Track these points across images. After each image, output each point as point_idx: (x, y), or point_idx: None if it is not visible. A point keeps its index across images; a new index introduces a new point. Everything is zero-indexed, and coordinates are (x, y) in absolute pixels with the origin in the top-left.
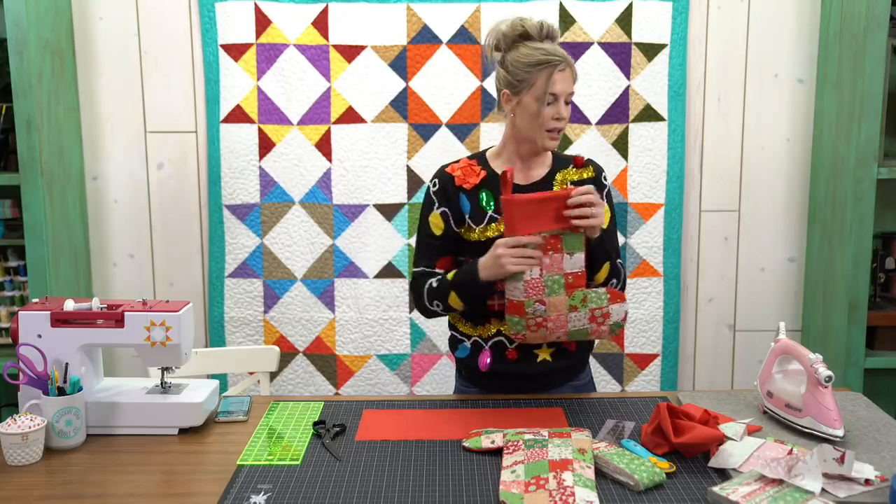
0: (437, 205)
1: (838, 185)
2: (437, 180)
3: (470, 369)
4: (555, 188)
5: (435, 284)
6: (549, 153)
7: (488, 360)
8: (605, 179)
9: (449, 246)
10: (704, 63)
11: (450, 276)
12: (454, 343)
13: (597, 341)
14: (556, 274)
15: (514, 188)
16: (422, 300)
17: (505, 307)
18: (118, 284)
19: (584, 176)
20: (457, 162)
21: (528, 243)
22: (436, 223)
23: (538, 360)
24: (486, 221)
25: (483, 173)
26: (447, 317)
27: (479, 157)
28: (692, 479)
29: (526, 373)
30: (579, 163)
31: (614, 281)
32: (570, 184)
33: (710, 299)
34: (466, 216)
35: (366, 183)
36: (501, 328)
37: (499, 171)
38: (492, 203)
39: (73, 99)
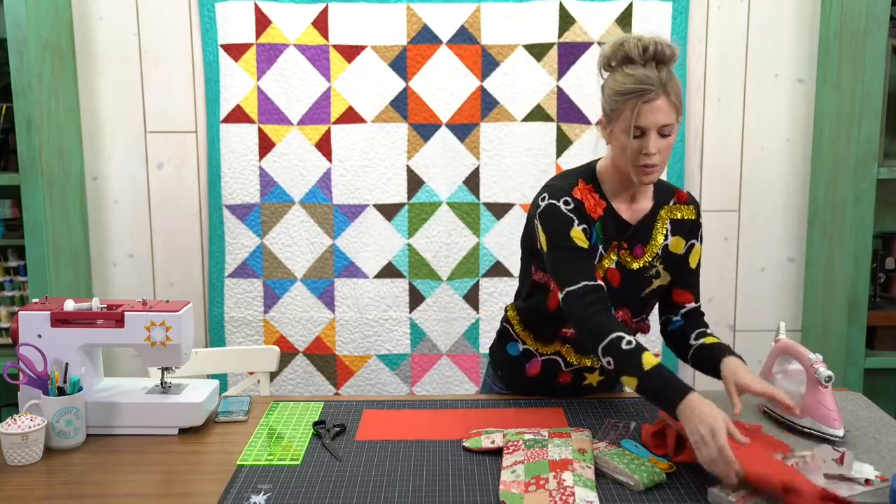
0: (577, 221)
1: (838, 185)
2: (567, 199)
3: (510, 369)
4: (657, 225)
5: (625, 349)
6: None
7: (538, 370)
8: (701, 218)
9: (595, 260)
10: (704, 63)
11: (647, 362)
12: (506, 338)
13: None
14: None
15: (621, 224)
16: (597, 339)
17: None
18: (118, 284)
19: (686, 216)
20: (574, 185)
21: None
22: (580, 237)
23: (584, 382)
24: (598, 258)
25: (603, 204)
26: (503, 311)
27: (593, 179)
28: (692, 479)
29: (568, 392)
30: (683, 198)
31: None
32: (671, 223)
33: (710, 299)
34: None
35: (366, 183)
36: (562, 350)
37: (611, 200)
38: (602, 238)
39: (73, 99)
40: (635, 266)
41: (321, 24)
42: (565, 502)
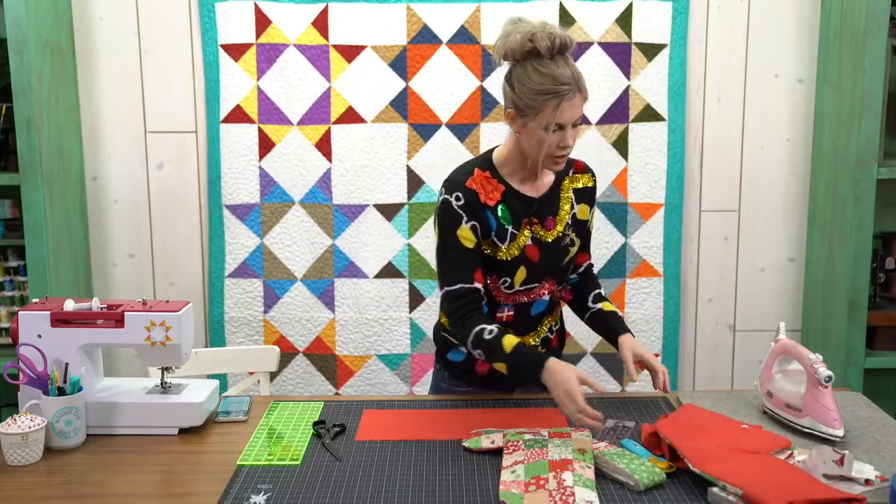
0: (465, 218)
1: (838, 185)
2: (459, 194)
3: (463, 371)
4: (562, 195)
5: (487, 338)
6: None
7: (486, 369)
8: (596, 183)
9: (480, 259)
10: (704, 63)
11: (507, 345)
12: (447, 345)
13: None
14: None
15: (525, 201)
16: (465, 337)
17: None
18: (118, 284)
19: (585, 184)
20: (469, 174)
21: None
22: (466, 237)
23: None
24: (509, 238)
25: (501, 187)
26: (436, 321)
27: (489, 167)
28: (692, 479)
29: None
30: (580, 168)
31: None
32: (574, 192)
33: (710, 299)
34: (492, 233)
35: (366, 183)
36: None
37: (510, 181)
38: (509, 219)
39: (73, 99)
40: (549, 238)
41: (321, 24)
42: (565, 502)
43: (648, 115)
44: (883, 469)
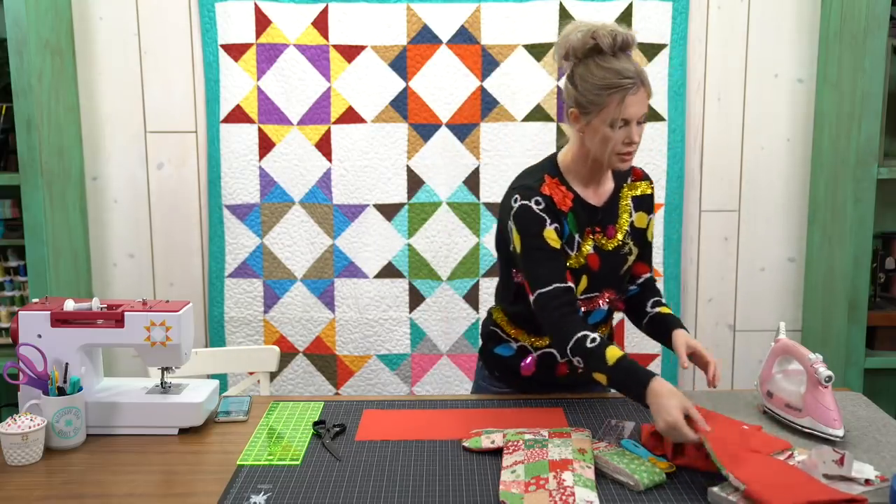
0: (549, 221)
1: (838, 185)
2: (538, 199)
3: (507, 369)
4: (621, 203)
5: (590, 347)
6: None
7: (533, 369)
8: (653, 191)
9: (566, 260)
10: (704, 63)
11: (610, 357)
12: (494, 340)
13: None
14: None
15: (590, 209)
16: (564, 342)
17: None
18: (118, 284)
19: (644, 191)
20: (541, 181)
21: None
22: (552, 237)
23: (580, 370)
24: (576, 248)
25: (570, 195)
26: (487, 313)
27: (557, 173)
28: (692, 479)
29: (567, 384)
30: (638, 175)
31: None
32: (633, 199)
33: (710, 299)
34: (563, 241)
35: (366, 183)
36: None
37: (576, 188)
38: (575, 227)
39: (73, 99)
40: (610, 247)
41: (321, 24)
42: (565, 502)
43: (648, 114)
44: (883, 469)
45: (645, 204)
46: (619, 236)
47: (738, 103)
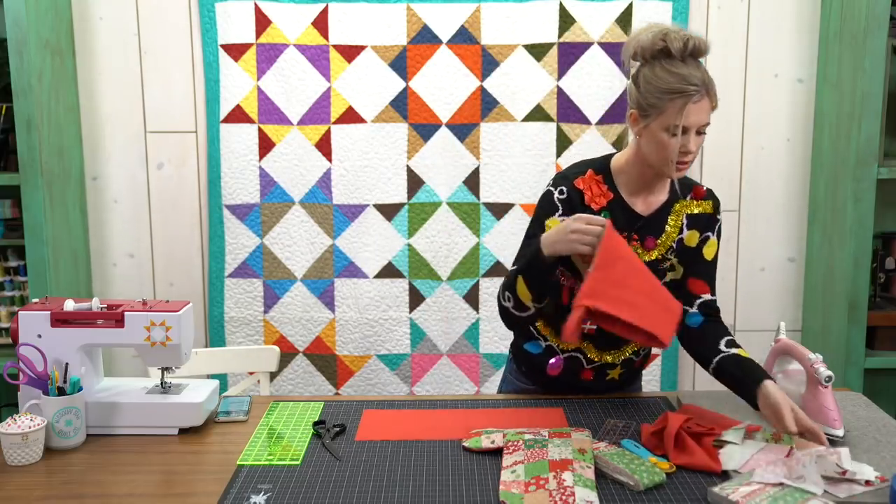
0: (560, 210)
1: (838, 185)
2: (564, 188)
3: (534, 366)
4: (670, 219)
5: (508, 275)
6: None
7: (559, 370)
8: (720, 213)
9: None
10: (704, 63)
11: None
12: (525, 335)
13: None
14: None
15: (632, 215)
16: (499, 297)
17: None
18: (118, 284)
19: (703, 210)
20: (581, 173)
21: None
22: (552, 227)
23: (607, 377)
24: None
25: (610, 195)
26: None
27: (605, 171)
28: (692, 479)
29: (592, 388)
30: (700, 195)
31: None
32: (687, 217)
33: None
34: None
35: (366, 183)
36: (583, 346)
37: (622, 191)
38: None
39: (73, 99)
40: (647, 258)
41: (321, 24)
42: (565, 502)
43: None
44: (883, 469)
45: (701, 223)
46: (661, 250)
47: (738, 103)
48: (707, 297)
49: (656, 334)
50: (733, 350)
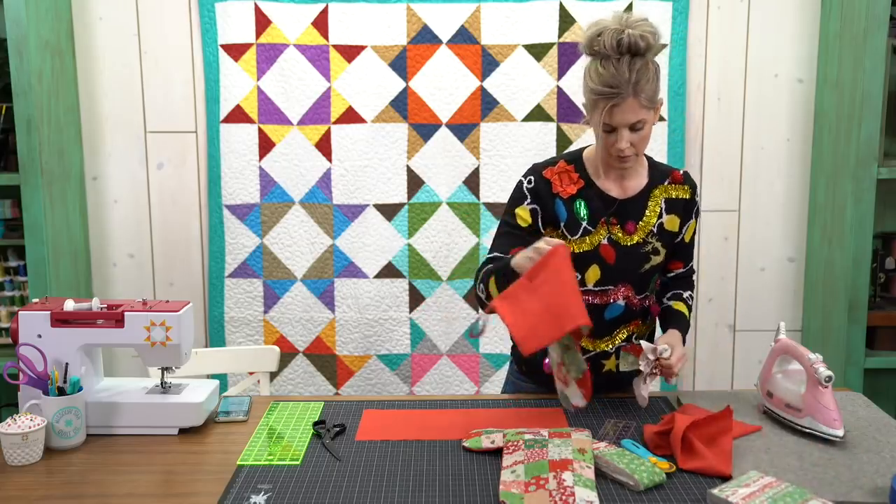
0: (528, 199)
1: (838, 185)
2: (532, 178)
3: (532, 366)
4: (650, 203)
5: (484, 270)
6: (646, 161)
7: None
8: (697, 195)
9: (530, 241)
10: (704, 63)
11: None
12: None
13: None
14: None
15: (607, 200)
16: (475, 285)
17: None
18: (118, 284)
19: (681, 195)
20: (552, 164)
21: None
22: (523, 216)
23: (603, 370)
24: (580, 233)
25: (580, 182)
26: None
27: (577, 161)
28: (692, 480)
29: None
30: (677, 179)
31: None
32: (665, 201)
33: (710, 299)
34: (562, 224)
35: (366, 183)
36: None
37: (595, 178)
38: (586, 214)
39: (73, 99)
40: (629, 242)
41: (321, 24)
42: (565, 502)
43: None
44: (883, 469)
45: (679, 207)
46: (641, 234)
47: (738, 103)
48: (679, 270)
49: (523, 342)
50: (671, 302)
